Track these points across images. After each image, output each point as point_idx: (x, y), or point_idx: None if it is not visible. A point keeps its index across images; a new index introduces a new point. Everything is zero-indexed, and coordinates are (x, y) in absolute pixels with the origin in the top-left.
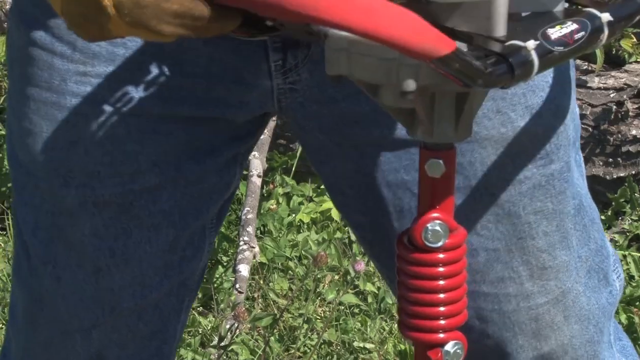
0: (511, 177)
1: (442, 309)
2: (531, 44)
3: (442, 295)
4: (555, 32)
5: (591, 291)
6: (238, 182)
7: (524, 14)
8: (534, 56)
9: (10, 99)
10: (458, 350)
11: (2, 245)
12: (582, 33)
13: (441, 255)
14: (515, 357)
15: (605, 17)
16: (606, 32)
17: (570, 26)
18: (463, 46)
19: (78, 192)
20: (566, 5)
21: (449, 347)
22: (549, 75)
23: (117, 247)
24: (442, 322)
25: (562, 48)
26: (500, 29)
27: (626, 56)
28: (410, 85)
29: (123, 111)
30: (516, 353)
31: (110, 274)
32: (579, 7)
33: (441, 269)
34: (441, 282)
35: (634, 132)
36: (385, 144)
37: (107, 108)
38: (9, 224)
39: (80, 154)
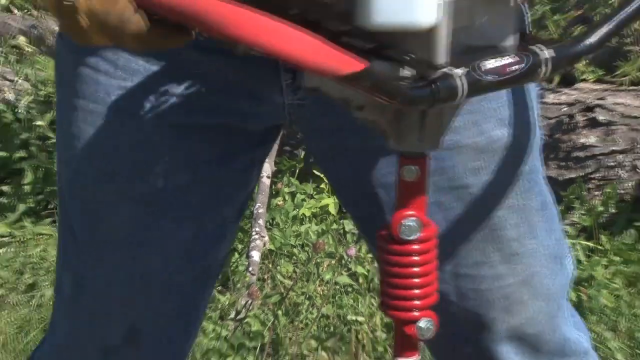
0: (486, 178)
1: (416, 291)
2: (459, 71)
3: (416, 280)
4: (489, 64)
5: (554, 274)
6: (255, 182)
7: (478, 46)
8: (460, 82)
9: (59, 110)
10: (430, 326)
11: (54, 235)
12: (518, 66)
13: (416, 247)
14: (489, 328)
15: (547, 53)
16: (547, 67)
17: (508, 59)
18: (411, 71)
19: (118, 188)
20: (519, 41)
21: (421, 323)
22: (518, 93)
23: (148, 235)
24: (416, 302)
25: (492, 77)
26: (442, 57)
27: (578, 74)
28: (361, 100)
29: (156, 121)
30: (490, 324)
31: (143, 258)
32: (531, 44)
33: (416, 258)
34: (415, 269)
35: (582, 140)
36: (378, 150)
37: (143, 118)
38: (58, 217)
39: (121, 156)
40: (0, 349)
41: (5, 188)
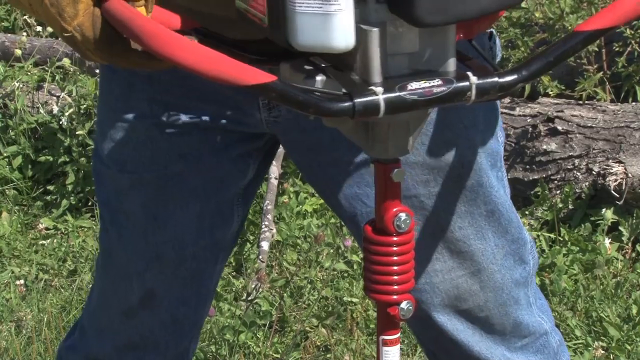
0: (434, 190)
1: (398, 277)
2: (379, 89)
3: (397, 267)
4: (416, 85)
5: (506, 269)
6: (254, 171)
7: (422, 70)
8: (380, 99)
9: (97, 114)
10: (410, 307)
11: (92, 228)
12: (443, 89)
13: (396, 238)
14: (441, 311)
15: (473, 80)
16: (473, 91)
17: (434, 82)
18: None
19: (130, 175)
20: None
21: (403, 305)
22: (465, 117)
23: (158, 213)
24: (398, 287)
25: (415, 97)
26: (375, 77)
27: (541, 88)
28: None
29: (158, 121)
30: (441, 308)
31: (154, 233)
32: (473, 70)
33: (404, 247)
34: (401, 257)
35: (544, 147)
36: (342, 165)
37: (148, 119)
38: (96, 212)
39: (130, 150)
40: (45, 326)
41: (50, 187)
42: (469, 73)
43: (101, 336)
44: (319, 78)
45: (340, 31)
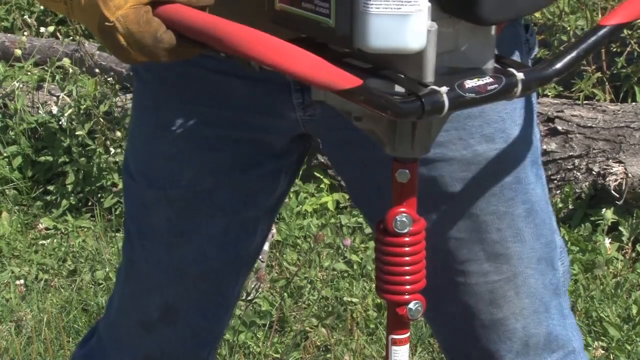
0: (472, 187)
1: (407, 277)
2: (444, 89)
3: (407, 268)
4: (471, 83)
5: (539, 274)
6: (286, 186)
7: (462, 68)
8: (445, 98)
9: (129, 127)
10: (419, 308)
11: (92, 228)
12: (495, 85)
13: (407, 239)
14: (477, 318)
15: (520, 76)
16: (518, 87)
17: (486, 80)
18: (402, 88)
19: (157, 190)
20: (497, 65)
21: (411, 305)
22: (502, 111)
23: (184, 229)
24: (407, 287)
25: (473, 95)
26: (429, 76)
27: (541, 90)
28: (359, 111)
29: (187, 134)
30: (478, 314)
31: (179, 247)
32: (507, 67)
33: (407, 249)
34: (407, 258)
35: (544, 147)
36: (381, 160)
37: (176, 132)
38: (96, 212)
39: (158, 164)
40: (45, 326)
41: (50, 187)
42: (512, 69)
43: (119, 348)
44: (377, 80)
45: (416, 32)
